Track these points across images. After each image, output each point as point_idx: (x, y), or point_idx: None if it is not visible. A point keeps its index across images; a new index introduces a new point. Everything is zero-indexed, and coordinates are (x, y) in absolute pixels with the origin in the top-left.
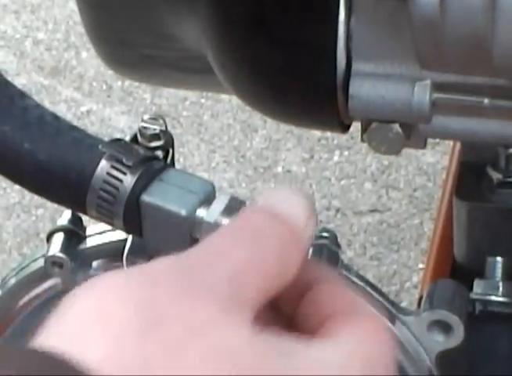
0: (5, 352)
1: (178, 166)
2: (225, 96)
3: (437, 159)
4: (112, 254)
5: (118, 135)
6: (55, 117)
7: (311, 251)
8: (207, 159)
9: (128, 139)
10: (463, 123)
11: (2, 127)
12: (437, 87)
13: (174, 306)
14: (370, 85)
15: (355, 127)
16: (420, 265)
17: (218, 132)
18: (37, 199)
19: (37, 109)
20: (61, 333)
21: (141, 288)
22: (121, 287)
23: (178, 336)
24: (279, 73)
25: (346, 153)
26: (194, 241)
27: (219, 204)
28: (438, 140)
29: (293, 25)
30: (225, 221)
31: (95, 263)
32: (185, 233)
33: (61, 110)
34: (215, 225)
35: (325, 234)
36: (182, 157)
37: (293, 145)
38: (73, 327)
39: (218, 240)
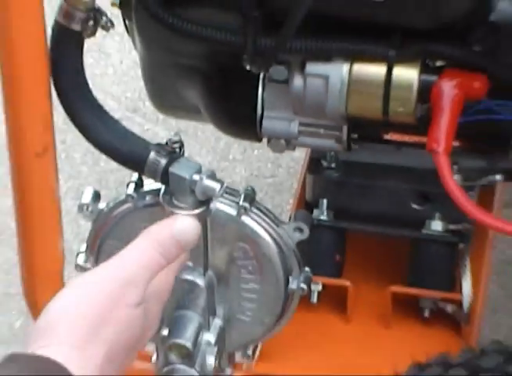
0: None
1: None
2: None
3: (301, 154)
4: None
5: None
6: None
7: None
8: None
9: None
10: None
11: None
12: (301, 124)
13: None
14: (272, 122)
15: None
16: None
17: None
18: None
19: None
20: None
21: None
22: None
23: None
24: (229, 117)
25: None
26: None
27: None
28: None
29: (232, 93)
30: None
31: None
32: (187, 188)
33: None
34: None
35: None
36: None
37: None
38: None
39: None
